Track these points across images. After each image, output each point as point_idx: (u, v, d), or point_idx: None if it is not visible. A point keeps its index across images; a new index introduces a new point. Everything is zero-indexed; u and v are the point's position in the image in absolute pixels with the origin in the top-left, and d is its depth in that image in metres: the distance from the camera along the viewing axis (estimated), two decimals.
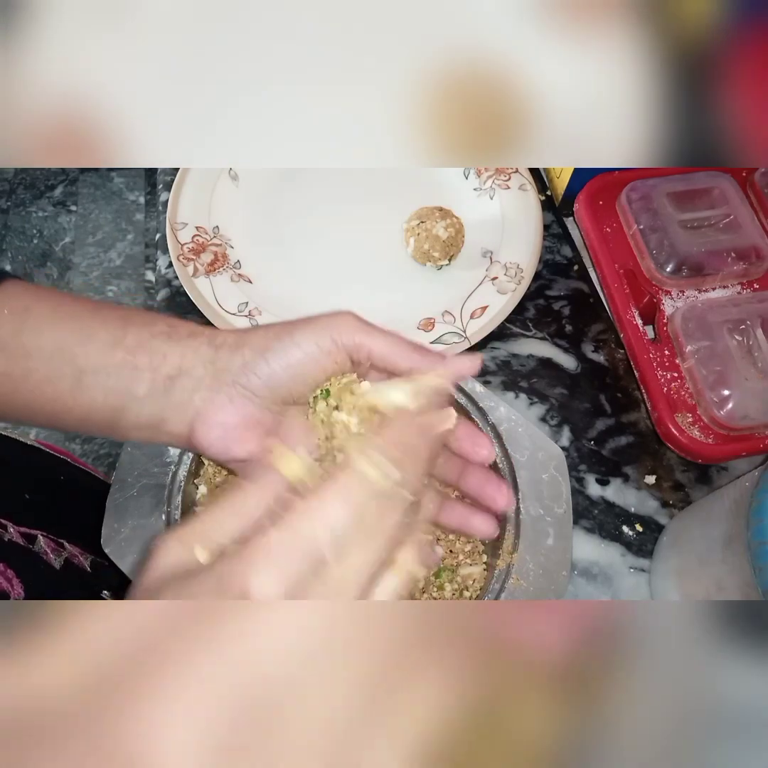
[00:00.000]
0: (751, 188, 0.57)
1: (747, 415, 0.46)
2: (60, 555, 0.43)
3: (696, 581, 0.41)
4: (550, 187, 0.63)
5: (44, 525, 0.43)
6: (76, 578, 0.43)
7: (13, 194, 0.78)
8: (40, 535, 0.42)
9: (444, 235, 0.56)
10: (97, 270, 0.69)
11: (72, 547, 0.44)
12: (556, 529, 0.38)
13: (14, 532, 0.41)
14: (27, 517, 0.43)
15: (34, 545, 0.42)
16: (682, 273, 0.52)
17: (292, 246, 0.60)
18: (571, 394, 0.54)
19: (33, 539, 0.42)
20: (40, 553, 0.42)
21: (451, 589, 0.39)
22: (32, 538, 0.42)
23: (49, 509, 0.46)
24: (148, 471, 0.39)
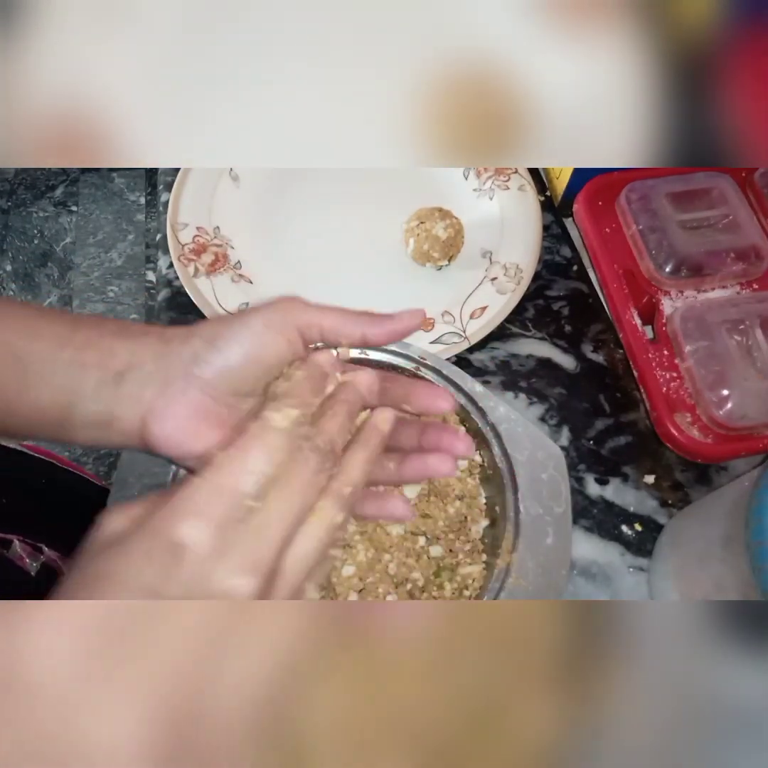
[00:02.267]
0: (750, 188, 0.57)
1: (746, 415, 0.46)
2: (37, 560, 0.43)
3: (695, 581, 0.42)
4: (549, 188, 0.63)
5: (22, 529, 0.43)
6: (52, 583, 0.43)
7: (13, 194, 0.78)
8: (16, 539, 0.42)
9: (444, 236, 0.56)
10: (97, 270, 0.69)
11: (51, 552, 0.44)
12: (555, 528, 0.38)
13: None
14: (3, 521, 0.42)
15: (9, 550, 0.41)
16: (681, 273, 0.53)
17: (293, 246, 0.60)
18: (570, 394, 0.54)
19: (8, 544, 0.42)
20: (15, 559, 0.41)
21: (450, 589, 0.39)
22: (7, 543, 0.42)
23: (29, 513, 0.46)
24: (149, 471, 0.39)
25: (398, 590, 0.39)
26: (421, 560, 0.40)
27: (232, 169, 0.62)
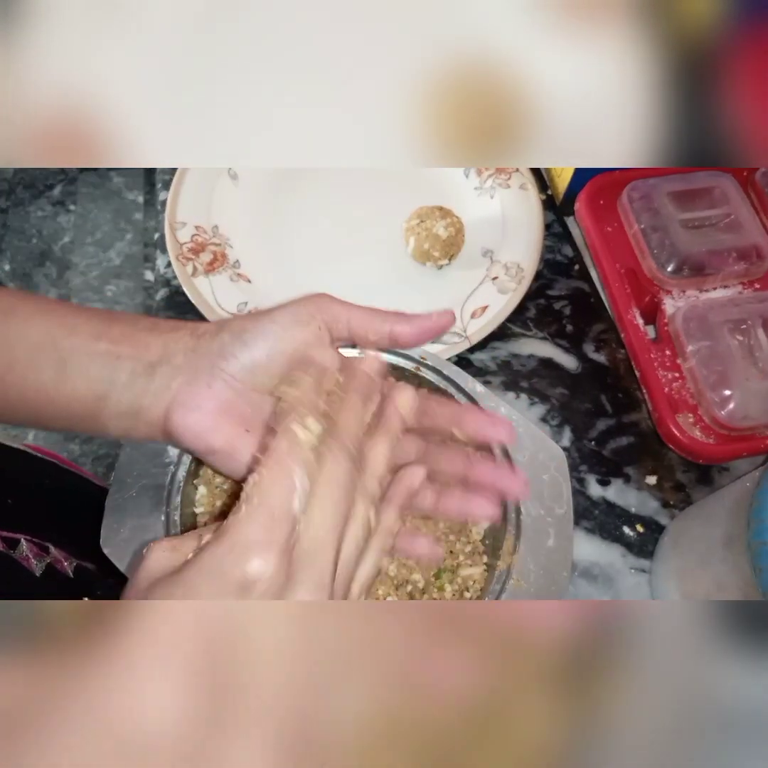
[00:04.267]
0: (752, 188, 0.57)
1: (748, 415, 0.46)
2: (42, 560, 0.43)
3: (696, 581, 0.41)
4: (550, 187, 0.63)
5: (28, 528, 0.43)
6: (56, 586, 0.43)
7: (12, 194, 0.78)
8: (23, 538, 0.42)
9: (444, 235, 0.56)
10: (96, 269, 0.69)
11: (57, 552, 0.44)
12: (556, 529, 0.38)
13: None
14: (10, 521, 0.42)
15: (16, 550, 0.41)
16: (683, 273, 0.52)
17: (292, 245, 0.60)
18: (571, 395, 0.54)
19: (15, 543, 0.41)
20: (21, 560, 0.41)
21: (451, 590, 0.39)
22: (15, 542, 0.41)
23: (35, 512, 0.46)
24: (147, 471, 0.39)
25: (398, 592, 0.38)
26: (422, 562, 0.39)
27: (230, 168, 0.62)
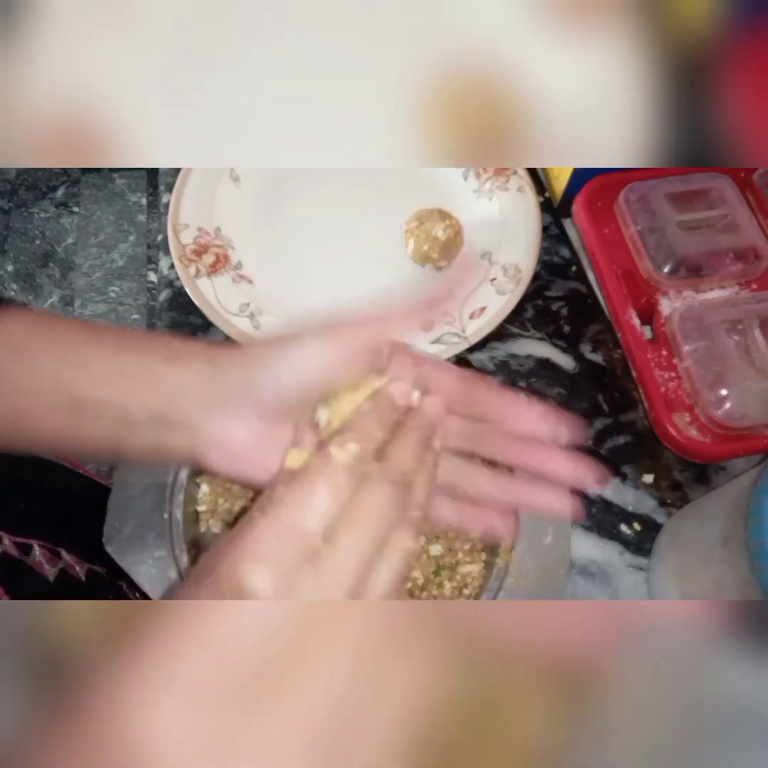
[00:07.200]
0: (749, 189, 0.57)
1: (745, 414, 0.46)
2: (55, 565, 0.42)
3: (694, 580, 0.42)
4: (548, 189, 0.63)
5: (41, 534, 0.43)
6: (69, 590, 0.43)
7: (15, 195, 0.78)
8: (36, 544, 0.42)
9: (443, 237, 0.56)
10: (99, 271, 0.69)
11: (69, 556, 0.44)
12: (554, 527, 0.39)
13: (9, 542, 0.40)
14: (23, 526, 0.42)
15: (29, 556, 0.41)
16: (680, 274, 0.53)
17: (293, 247, 0.60)
18: (569, 394, 0.54)
19: (29, 549, 0.42)
20: (34, 565, 0.41)
21: (450, 588, 0.40)
22: (28, 548, 0.42)
23: (46, 517, 0.46)
24: (149, 469, 0.40)
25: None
26: (421, 559, 0.40)
27: (233, 170, 0.62)
